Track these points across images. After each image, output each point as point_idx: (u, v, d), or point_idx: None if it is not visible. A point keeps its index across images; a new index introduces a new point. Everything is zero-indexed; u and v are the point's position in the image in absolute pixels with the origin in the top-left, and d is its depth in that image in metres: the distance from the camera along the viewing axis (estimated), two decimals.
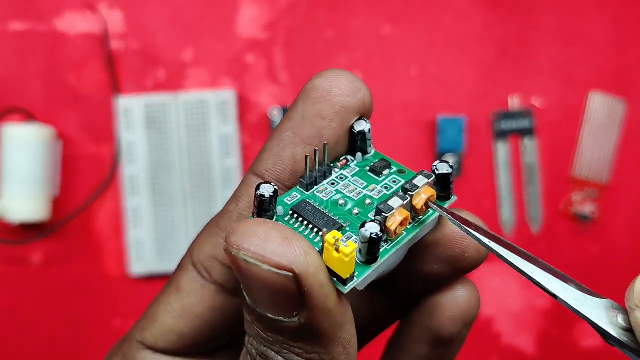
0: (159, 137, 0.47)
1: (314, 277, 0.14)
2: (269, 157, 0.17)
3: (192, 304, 0.18)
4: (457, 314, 0.18)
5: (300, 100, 0.17)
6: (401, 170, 0.18)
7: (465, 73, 0.50)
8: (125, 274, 0.48)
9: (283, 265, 0.13)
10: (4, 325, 0.48)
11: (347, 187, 0.17)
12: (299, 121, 0.17)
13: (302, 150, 0.17)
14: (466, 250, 0.17)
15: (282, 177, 0.17)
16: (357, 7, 0.49)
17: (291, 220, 0.16)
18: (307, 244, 0.14)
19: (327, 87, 0.17)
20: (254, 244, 0.14)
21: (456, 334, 0.18)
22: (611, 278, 0.50)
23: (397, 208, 0.15)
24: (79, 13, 0.48)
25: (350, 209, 0.17)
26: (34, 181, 0.46)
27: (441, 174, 0.17)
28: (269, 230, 0.14)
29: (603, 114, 0.50)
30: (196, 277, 0.18)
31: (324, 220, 0.16)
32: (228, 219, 0.18)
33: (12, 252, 0.48)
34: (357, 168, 0.18)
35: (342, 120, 0.17)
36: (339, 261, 0.14)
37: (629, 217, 0.50)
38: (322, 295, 0.14)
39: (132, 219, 0.47)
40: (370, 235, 0.14)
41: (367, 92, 0.17)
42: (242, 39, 0.49)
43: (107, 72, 0.48)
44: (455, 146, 0.48)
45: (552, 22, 0.50)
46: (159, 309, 0.18)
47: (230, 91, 0.47)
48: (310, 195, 0.17)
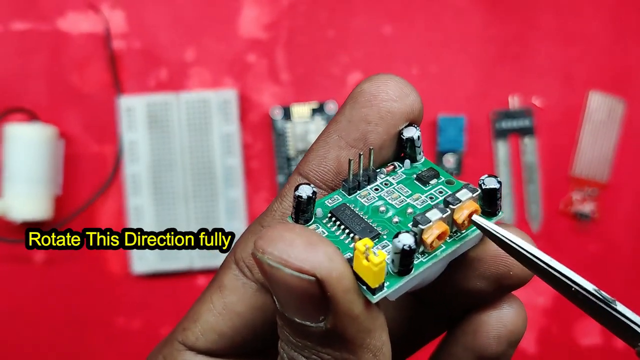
0: (160, 137, 0.47)
1: (337, 282, 0.14)
2: (314, 158, 0.17)
3: (233, 302, 0.18)
4: (502, 333, 0.18)
5: (347, 104, 0.17)
6: (449, 181, 0.17)
7: (465, 72, 0.50)
8: (127, 273, 0.48)
9: (305, 269, 0.13)
10: (7, 324, 0.48)
11: (391, 194, 0.17)
12: (345, 124, 0.17)
13: (346, 153, 0.17)
14: (512, 268, 0.17)
15: (326, 178, 0.17)
16: (358, 7, 0.49)
17: (329, 223, 0.16)
18: (334, 250, 0.14)
19: (374, 92, 0.17)
20: (278, 248, 0.14)
21: (501, 354, 0.18)
22: (611, 277, 0.50)
23: (435, 221, 0.15)
24: (81, 13, 0.48)
25: (390, 217, 0.16)
26: (37, 180, 0.46)
27: (488, 188, 0.16)
28: (294, 236, 0.14)
29: (603, 113, 0.50)
30: (238, 275, 0.18)
31: (361, 227, 0.16)
32: (272, 217, 0.18)
33: (15, 251, 0.48)
34: (404, 175, 0.18)
35: (388, 126, 0.17)
36: (368, 270, 0.14)
37: (628, 216, 0.50)
38: (346, 301, 0.14)
39: (134, 217, 0.47)
40: (402, 247, 0.14)
41: (416, 98, 0.17)
42: (243, 38, 0.49)
43: (109, 71, 0.48)
44: (456, 145, 0.49)
45: (552, 21, 0.50)
46: (202, 307, 0.18)
47: (231, 91, 0.48)
48: (351, 199, 0.17)
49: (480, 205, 0.16)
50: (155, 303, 0.48)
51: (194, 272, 0.48)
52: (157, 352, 0.19)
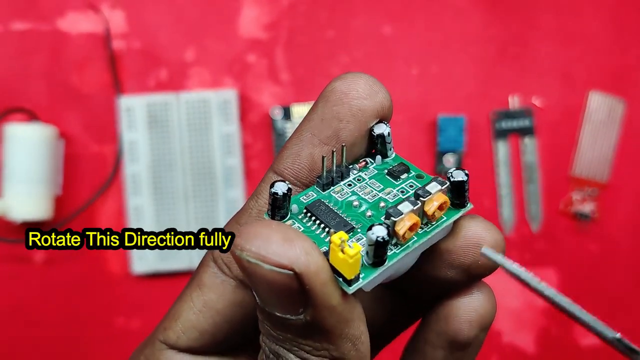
0: (160, 137, 0.47)
1: (314, 275, 0.14)
2: (288, 156, 0.18)
3: (213, 299, 0.18)
4: (473, 318, 0.18)
5: (319, 102, 0.17)
6: (419, 175, 0.18)
7: (465, 72, 0.50)
8: (127, 273, 0.48)
9: (283, 264, 0.14)
10: (7, 323, 0.48)
11: (364, 189, 0.17)
12: (317, 122, 0.17)
13: (319, 150, 0.17)
14: (479, 258, 0.17)
15: (299, 176, 0.18)
16: (358, 7, 0.49)
17: (304, 218, 0.17)
18: (310, 244, 0.14)
19: (345, 90, 0.17)
20: (256, 245, 0.14)
21: (473, 338, 0.18)
22: (611, 277, 0.50)
23: (406, 213, 0.15)
24: (81, 13, 0.48)
25: (364, 211, 0.17)
26: (37, 180, 0.46)
27: (456, 181, 0.17)
28: (271, 232, 0.14)
29: (603, 113, 0.50)
30: (217, 272, 0.18)
31: (336, 221, 0.16)
32: (248, 215, 0.18)
33: (15, 251, 0.48)
34: (376, 171, 0.18)
35: (359, 123, 0.17)
36: (344, 262, 0.14)
37: (628, 216, 0.50)
38: (324, 293, 0.14)
39: (134, 217, 0.47)
40: (376, 239, 0.14)
41: (385, 95, 0.17)
42: (243, 38, 0.49)
43: (109, 71, 0.48)
44: (456, 145, 0.49)
45: (552, 21, 0.50)
46: (182, 306, 0.19)
47: (231, 91, 0.48)
48: (326, 195, 0.17)
49: (449, 197, 0.17)
50: (155, 303, 0.48)
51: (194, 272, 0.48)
52: (139, 353, 0.20)
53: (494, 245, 0.17)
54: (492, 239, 0.17)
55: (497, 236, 0.18)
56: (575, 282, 0.50)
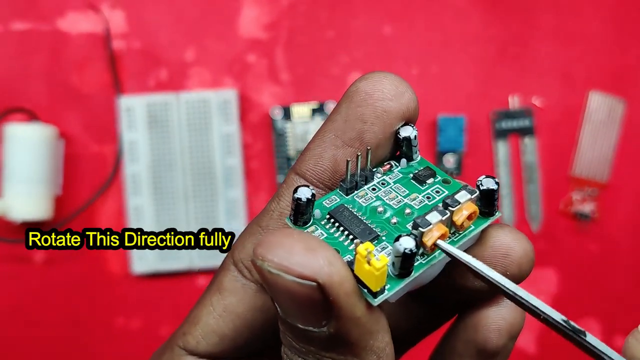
0: (160, 137, 0.47)
1: (338, 286, 0.13)
2: (310, 158, 0.17)
3: (233, 303, 0.18)
4: (502, 327, 0.18)
5: (343, 103, 0.17)
6: (446, 180, 0.17)
7: (465, 72, 0.50)
8: (127, 273, 0.48)
9: (306, 275, 0.13)
10: (6, 323, 0.48)
11: (388, 193, 0.17)
12: (340, 123, 0.17)
13: (343, 152, 0.17)
14: (508, 268, 0.17)
15: (322, 178, 0.17)
16: (358, 7, 0.49)
17: (327, 224, 0.16)
18: (333, 254, 0.14)
19: (369, 90, 0.17)
20: (278, 255, 0.14)
21: (502, 347, 0.18)
22: (611, 277, 0.50)
23: (435, 223, 0.15)
24: (81, 13, 0.48)
25: (388, 217, 0.16)
26: (37, 180, 0.46)
27: (486, 189, 0.16)
28: (293, 242, 0.14)
29: (603, 113, 0.50)
30: (237, 276, 0.18)
31: (360, 228, 0.16)
32: (269, 217, 0.18)
33: (15, 251, 0.48)
34: (401, 174, 0.18)
35: (384, 124, 0.17)
36: (369, 274, 0.14)
37: (628, 216, 0.50)
38: (349, 305, 0.14)
39: (134, 217, 0.47)
40: (403, 250, 0.14)
41: (412, 97, 0.17)
42: (243, 38, 0.49)
43: (109, 71, 0.48)
44: (456, 145, 0.49)
45: (552, 21, 0.50)
46: (202, 311, 0.18)
47: (231, 91, 0.48)
48: (349, 199, 0.17)
49: (478, 206, 0.16)
50: (155, 303, 0.48)
51: (194, 272, 0.48)
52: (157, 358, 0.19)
53: (524, 255, 0.17)
54: (521, 249, 0.17)
55: (527, 246, 0.17)
56: (575, 282, 0.50)
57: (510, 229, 0.17)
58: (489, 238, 0.17)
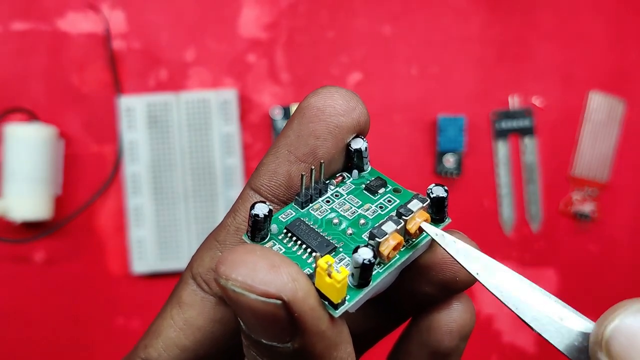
0: (160, 137, 0.47)
1: (302, 302, 0.14)
2: (265, 173, 0.17)
3: (193, 316, 0.18)
4: (454, 329, 0.18)
5: (295, 118, 0.17)
6: (396, 189, 0.18)
7: (465, 72, 0.50)
8: (127, 273, 0.48)
9: (270, 293, 0.13)
10: (7, 323, 0.48)
11: (342, 205, 0.17)
12: (294, 139, 0.17)
13: (296, 168, 0.17)
14: (457, 274, 0.18)
15: (277, 193, 0.17)
16: (358, 7, 0.49)
17: (284, 239, 0.16)
18: (296, 270, 0.14)
19: (321, 106, 0.17)
20: (242, 274, 0.14)
21: (454, 348, 0.19)
22: (611, 277, 0.50)
23: (390, 233, 0.15)
24: (81, 13, 0.48)
25: (344, 228, 0.17)
26: (37, 180, 0.46)
27: (436, 197, 0.17)
28: (256, 259, 0.14)
29: (603, 113, 0.50)
30: (196, 290, 0.18)
31: (318, 241, 0.16)
32: (226, 232, 0.18)
33: (15, 251, 0.48)
34: (353, 186, 0.18)
35: (336, 140, 0.17)
36: (331, 287, 0.14)
37: (628, 216, 0.50)
38: (313, 319, 0.14)
39: (134, 217, 0.47)
40: (362, 261, 0.14)
41: (362, 111, 0.17)
42: (243, 38, 0.49)
43: (109, 71, 0.48)
44: (456, 145, 0.49)
45: (552, 21, 0.50)
46: (162, 324, 0.18)
47: (231, 91, 0.48)
48: (305, 212, 0.17)
49: (430, 213, 0.17)
50: (155, 303, 0.48)
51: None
52: None
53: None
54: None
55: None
56: (575, 282, 0.50)
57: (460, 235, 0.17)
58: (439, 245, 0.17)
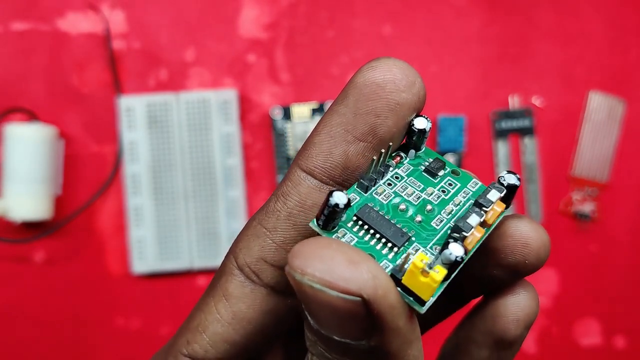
0: (160, 137, 0.47)
1: (383, 300, 0.13)
2: (319, 154, 0.16)
3: (243, 309, 0.17)
4: (520, 317, 0.18)
5: (350, 95, 0.16)
6: (455, 171, 0.17)
7: (465, 72, 0.50)
8: (127, 273, 0.48)
9: (351, 290, 0.13)
10: (6, 323, 0.48)
11: (405, 189, 0.16)
12: (350, 117, 0.16)
13: (355, 148, 0.16)
14: (527, 257, 0.17)
15: (333, 174, 0.16)
16: (358, 7, 0.49)
17: (355, 227, 0.15)
18: (375, 266, 0.13)
19: (380, 82, 0.16)
20: (319, 269, 0.13)
21: (519, 336, 0.18)
22: (611, 277, 0.50)
23: (475, 226, 0.15)
24: (81, 13, 0.48)
25: (412, 215, 0.16)
26: (37, 180, 0.46)
27: (511, 185, 0.16)
28: (334, 253, 0.13)
29: (603, 113, 0.50)
30: (244, 281, 0.17)
31: (392, 231, 0.15)
32: (276, 219, 0.17)
33: (15, 251, 0.48)
34: (411, 167, 0.17)
35: (398, 117, 0.16)
36: (425, 285, 0.14)
37: (629, 216, 0.50)
38: (393, 317, 0.13)
39: (134, 217, 0.47)
40: (455, 259, 0.14)
41: (421, 85, 0.16)
42: (243, 38, 0.49)
43: (109, 71, 0.48)
44: (456, 145, 0.49)
45: (552, 21, 0.50)
46: (207, 318, 0.17)
47: (231, 91, 0.48)
48: (369, 197, 0.16)
49: None
50: (155, 303, 0.48)
51: (193, 272, 0.48)
52: None
53: (541, 245, 0.17)
54: (539, 239, 0.17)
55: (544, 236, 0.17)
56: (575, 282, 0.50)
57: (528, 220, 0.17)
58: (508, 228, 0.17)
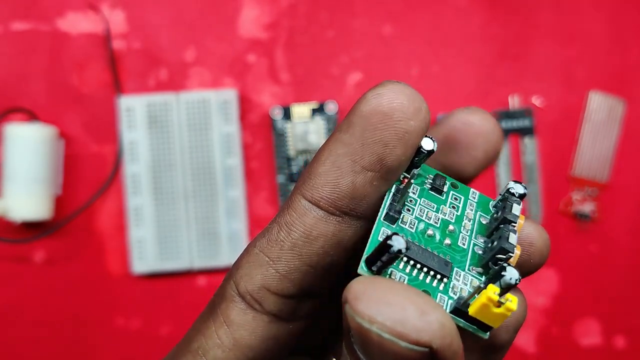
0: (160, 137, 0.47)
1: (449, 347, 0.13)
2: (325, 184, 0.16)
3: (244, 336, 0.17)
4: (510, 323, 0.18)
5: (356, 124, 0.16)
6: (453, 184, 0.17)
7: (465, 72, 0.50)
8: (127, 273, 0.48)
9: (423, 342, 0.12)
10: (6, 323, 0.48)
11: (423, 212, 0.16)
12: (357, 147, 0.16)
13: (362, 177, 0.16)
14: (531, 256, 0.17)
15: (340, 205, 0.16)
16: (358, 7, 0.49)
17: (400, 263, 0.15)
18: (443, 314, 0.13)
19: (387, 111, 0.15)
20: (390, 318, 0.12)
21: (508, 341, 0.18)
22: (611, 277, 0.50)
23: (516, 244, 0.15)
24: (81, 13, 0.48)
25: (441, 239, 0.16)
26: (37, 180, 0.46)
27: (521, 194, 0.17)
28: (404, 302, 0.13)
29: (603, 113, 0.50)
30: (246, 309, 0.17)
31: (436, 261, 0.15)
32: (279, 248, 0.16)
33: (15, 251, 0.48)
34: (417, 187, 0.17)
35: (406, 146, 0.16)
36: (499, 315, 0.14)
37: (629, 216, 0.50)
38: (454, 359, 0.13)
39: (134, 217, 0.47)
40: (515, 282, 0.14)
41: (427, 110, 0.16)
42: (243, 38, 0.49)
43: (109, 71, 0.48)
44: None
45: (552, 21, 0.50)
46: (207, 343, 0.17)
47: (231, 91, 0.48)
48: (397, 228, 0.16)
49: None
50: (155, 303, 0.48)
51: (194, 272, 0.48)
52: None
53: (544, 245, 0.18)
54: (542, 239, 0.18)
55: (545, 235, 0.18)
56: (575, 282, 0.50)
57: (531, 220, 0.18)
58: None
